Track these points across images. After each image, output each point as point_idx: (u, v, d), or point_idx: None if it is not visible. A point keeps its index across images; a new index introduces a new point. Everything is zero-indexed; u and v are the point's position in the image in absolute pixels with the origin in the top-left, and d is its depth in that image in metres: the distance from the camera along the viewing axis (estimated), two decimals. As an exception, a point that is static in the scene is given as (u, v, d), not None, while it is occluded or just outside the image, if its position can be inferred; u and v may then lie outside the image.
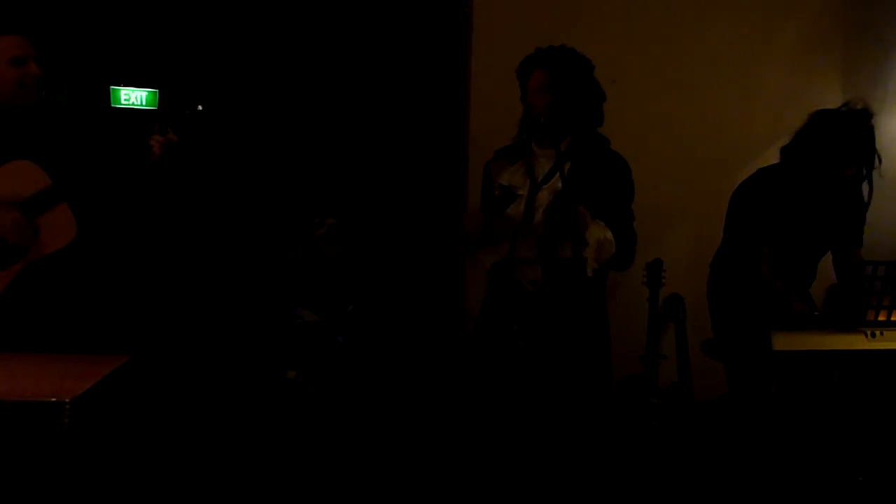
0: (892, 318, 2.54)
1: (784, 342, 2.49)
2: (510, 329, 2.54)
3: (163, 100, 3.97)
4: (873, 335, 2.51)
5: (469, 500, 2.69)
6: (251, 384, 3.38)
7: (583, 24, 3.76)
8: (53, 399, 1.73)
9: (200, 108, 2.49)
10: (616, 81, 3.73)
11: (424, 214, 3.92)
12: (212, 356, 3.53)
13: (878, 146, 2.75)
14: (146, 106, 3.94)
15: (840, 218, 2.89)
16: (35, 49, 2.48)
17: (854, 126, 2.72)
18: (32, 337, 2.35)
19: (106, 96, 3.89)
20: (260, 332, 3.55)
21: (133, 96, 3.93)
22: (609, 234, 2.43)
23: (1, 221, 2.38)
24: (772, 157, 2.96)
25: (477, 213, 2.64)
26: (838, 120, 2.75)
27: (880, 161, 2.76)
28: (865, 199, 2.84)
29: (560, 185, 2.44)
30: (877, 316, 2.54)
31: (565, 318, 2.46)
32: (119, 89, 3.92)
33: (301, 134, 4.02)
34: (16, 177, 2.43)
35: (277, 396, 3.29)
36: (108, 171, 2.50)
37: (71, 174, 2.44)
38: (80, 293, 2.53)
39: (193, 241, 3.88)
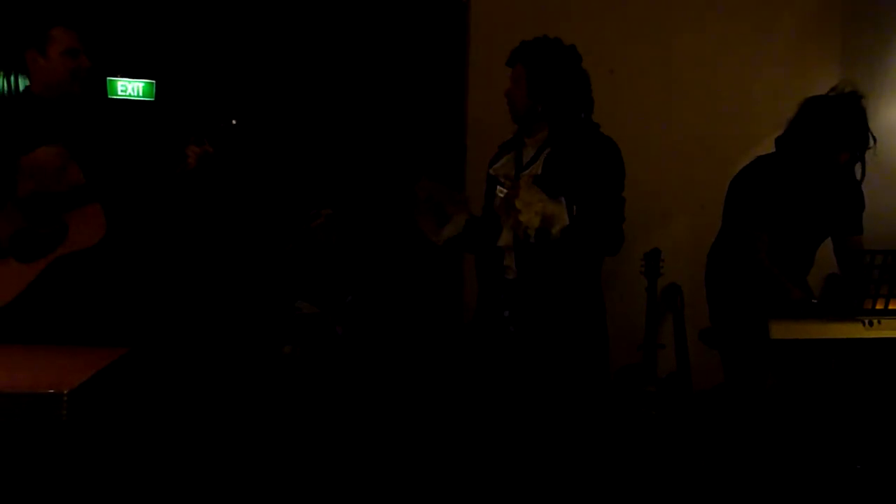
0: (890, 307, 2.54)
1: (781, 331, 2.49)
2: (501, 316, 2.54)
3: (160, 91, 3.96)
4: (871, 324, 2.51)
5: (466, 489, 2.70)
6: (250, 377, 3.38)
7: (581, 13, 3.75)
8: (51, 391, 1.73)
9: (235, 122, 2.61)
10: (613, 71, 3.73)
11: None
12: (211, 348, 3.53)
13: (875, 134, 2.74)
14: (143, 97, 3.92)
15: (838, 205, 2.89)
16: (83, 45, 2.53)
17: (845, 110, 2.71)
18: (51, 330, 2.38)
19: (103, 87, 3.88)
20: (259, 323, 3.55)
21: (130, 87, 3.92)
22: (551, 207, 2.30)
23: (45, 158, 2.38)
24: (770, 147, 2.94)
25: (426, 183, 2.55)
26: (829, 105, 2.75)
27: (875, 141, 2.75)
28: (858, 178, 2.83)
29: (540, 170, 2.44)
30: (874, 304, 2.54)
31: (549, 305, 2.46)
32: (116, 80, 3.91)
33: (299, 125, 4.01)
34: None
35: (275, 376, 3.30)
36: (143, 175, 2.56)
37: (106, 174, 2.48)
38: (102, 290, 2.55)
39: (193, 233, 3.88)
